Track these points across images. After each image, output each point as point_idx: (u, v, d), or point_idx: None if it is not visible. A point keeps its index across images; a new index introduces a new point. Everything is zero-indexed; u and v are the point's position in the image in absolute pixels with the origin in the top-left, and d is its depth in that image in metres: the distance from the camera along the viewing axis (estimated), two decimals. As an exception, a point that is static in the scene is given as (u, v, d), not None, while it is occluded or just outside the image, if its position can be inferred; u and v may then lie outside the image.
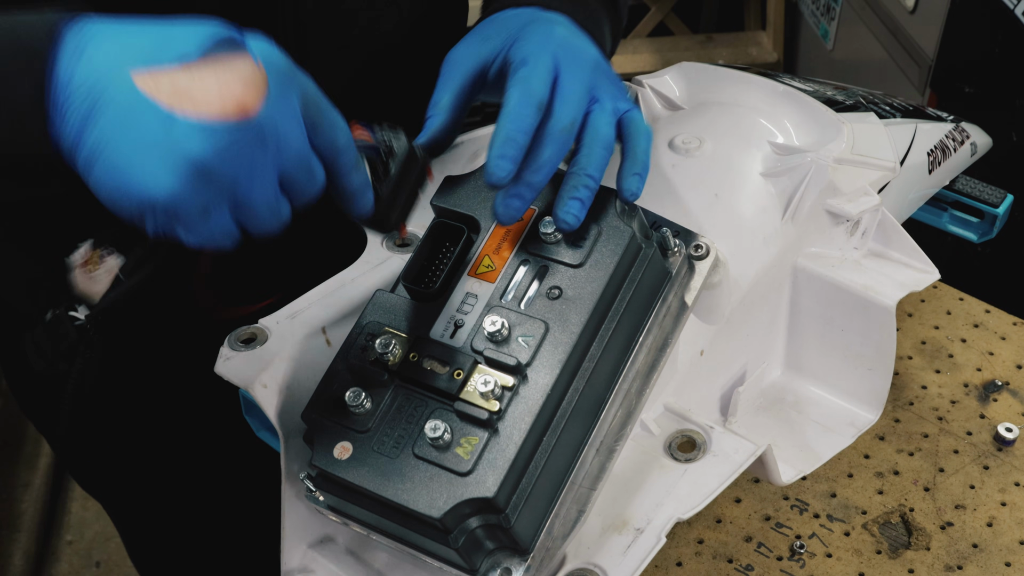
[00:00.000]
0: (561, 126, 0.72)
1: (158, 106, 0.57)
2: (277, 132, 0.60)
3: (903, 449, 0.99)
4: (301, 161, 0.62)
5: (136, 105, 0.57)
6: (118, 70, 0.58)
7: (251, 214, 0.61)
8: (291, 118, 0.61)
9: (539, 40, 0.75)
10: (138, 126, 0.57)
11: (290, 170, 0.62)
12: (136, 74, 0.58)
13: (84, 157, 0.58)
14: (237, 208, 0.61)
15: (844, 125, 0.95)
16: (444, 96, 0.78)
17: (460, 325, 0.72)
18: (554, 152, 0.72)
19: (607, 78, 0.77)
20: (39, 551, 2.08)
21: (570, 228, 0.71)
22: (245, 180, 0.60)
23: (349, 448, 0.69)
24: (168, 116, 0.57)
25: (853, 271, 0.91)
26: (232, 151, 0.58)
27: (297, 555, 0.77)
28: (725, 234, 0.85)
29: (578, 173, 0.73)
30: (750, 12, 2.77)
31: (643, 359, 0.77)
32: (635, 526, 0.74)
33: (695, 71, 1.04)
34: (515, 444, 0.67)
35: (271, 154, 0.60)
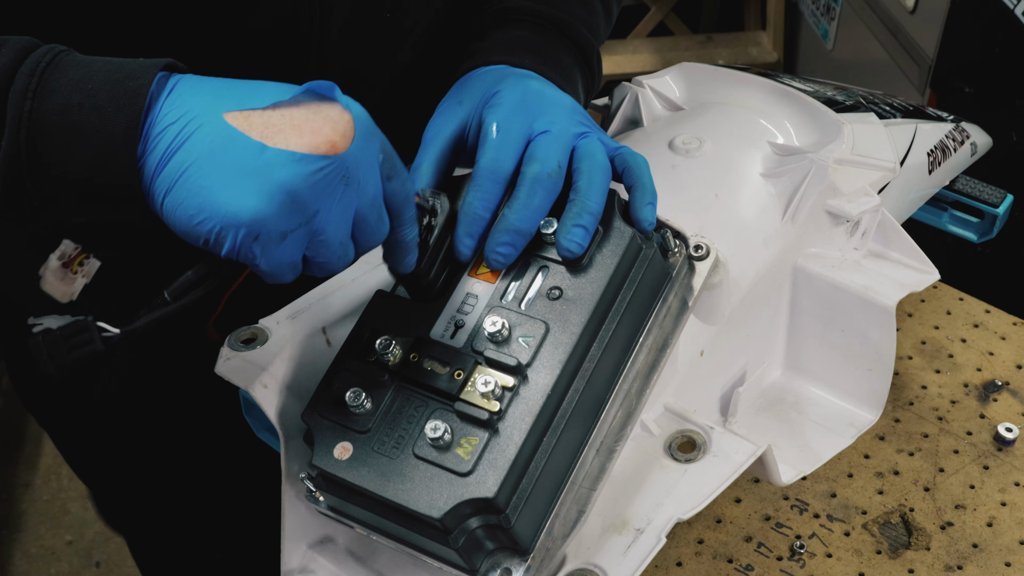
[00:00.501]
0: (548, 170, 0.73)
1: (248, 137, 0.61)
2: (360, 172, 0.64)
3: (903, 449, 0.99)
4: (375, 204, 0.66)
5: (228, 136, 0.62)
6: (211, 111, 0.62)
7: (324, 248, 0.65)
8: (372, 162, 0.65)
9: (511, 98, 0.76)
10: (228, 152, 0.61)
11: (364, 211, 0.65)
12: (228, 114, 0.62)
13: (164, 180, 0.62)
14: (313, 239, 0.64)
15: (844, 125, 0.95)
16: (424, 163, 0.79)
17: (460, 325, 0.72)
18: (544, 198, 0.73)
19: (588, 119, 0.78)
20: (39, 551, 2.08)
21: (573, 256, 0.72)
22: (325, 212, 0.63)
23: (349, 448, 0.69)
24: (259, 145, 0.61)
25: (853, 271, 0.91)
26: (319, 181, 0.62)
27: (297, 555, 0.77)
28: (725, 234, 0.85)
29: (580, 200, 0.73)
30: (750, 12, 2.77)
31: (643, 359, 0.77)
32: (635, 526, 0.74)
33: (695, 71, 1.04)
34: (515, 444, 0.67)
35: (352, 192, 0.64)
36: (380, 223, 0.67)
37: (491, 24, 0.90)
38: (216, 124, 0.62)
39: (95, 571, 2.05)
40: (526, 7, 0.90)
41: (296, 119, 0.63)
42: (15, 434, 2.26)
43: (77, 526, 2.10)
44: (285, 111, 0.63)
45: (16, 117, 0.61)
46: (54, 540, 2.10)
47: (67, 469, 2.19)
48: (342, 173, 0.63)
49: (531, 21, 0.89)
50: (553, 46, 0.88)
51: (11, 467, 2.21)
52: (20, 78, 0.61)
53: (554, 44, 0.88)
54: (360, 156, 0.64)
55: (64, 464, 2.20)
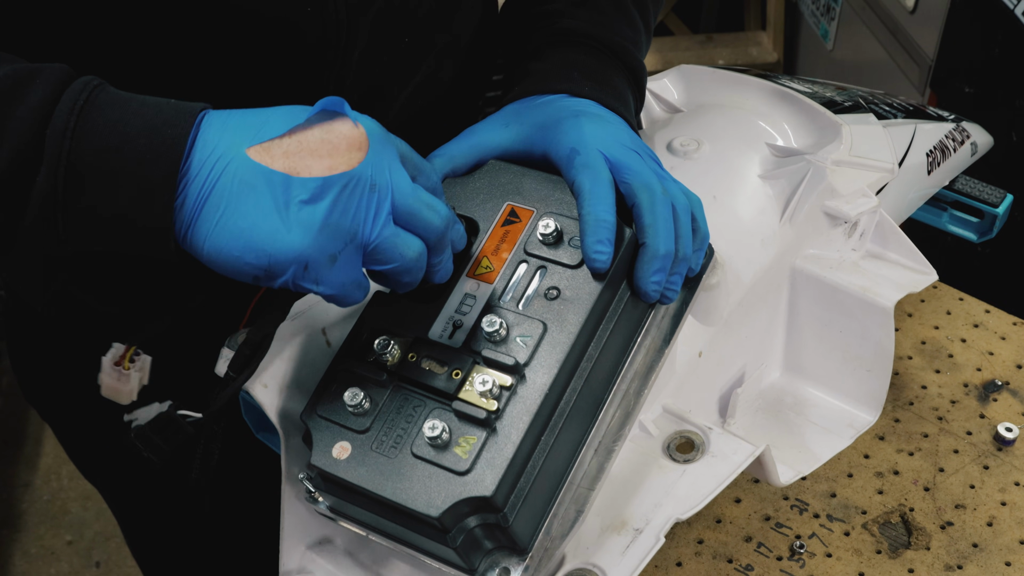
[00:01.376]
0: (682, 204, 0.75)
1: (273, 172, 0.63)
2: (383, 174, 0.65)
3: (903, 449, 0.99)
4: (416, 194, 0.67)
5: (254, 172, 0.64)
6: (235, 147, 0.64)
7: (378, 253, 0.66)
8: (394, 163, 0.67)
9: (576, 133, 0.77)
10: (257, 190, 0.64)
11: (408, 205, 0.67)
12: (250, 149, 0.64)
13: (203, 224, 0.64)
14: (365, 253, 0.66)
15: (842, 127, 0.95)
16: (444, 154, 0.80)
17: (458, 325, 0.72)
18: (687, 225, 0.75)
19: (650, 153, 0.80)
20: (39, 551, 2.08)
21: (604, 268, 0.72)
22: (365, 223, 0.65)
23: (348, 448, 0.69)
24: (284, 178, 0.63)
25: (851, 273, 0.91)
26: (347, 199, 0.64)
27: (295, 556, 0.77)
28: (723, 236, 0.85)
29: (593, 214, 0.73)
30: (750, 12, 2.77)
31: (641, 360, 0.77)
32: (634, 526, 0.74)
33: (694, 74, 1.04)
34: (513, 443, 0.67)
35: (383, 194, 0.65)
36: (430, 208, 0.68)
37: (547, 44, 0.90)
38: (241, 161, 0.64)
39: (95, 571, 2.05)
40: (583, 29, 0.90)
41: (312, 143, 0.65)
42: (15, 434, 2.26)
43: (77, 526, 2.10)
44: (301, 136, 0.65)
45: (55, 156, 0.62)
46: (54, 540, 2.10)
47: (67, 469, 2.19)
48: (367, 182, 0.65)
49: (588, 44, 0.89)
50: (608, 70, 0.88)
51: (11, 467, 2.21)
52: (59, 116, 0.62)
53: (609, 68, 0.89)
54: (379, 160, 0.65)
55: (64, 464, 2.20)
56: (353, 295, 0.67)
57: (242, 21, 0.78)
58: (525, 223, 0.75)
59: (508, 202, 0.76)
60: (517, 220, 0.75)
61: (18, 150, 0.61)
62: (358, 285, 0.67)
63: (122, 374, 0.73)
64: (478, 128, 0.82)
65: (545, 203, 0.75)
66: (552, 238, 0.73)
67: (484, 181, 0.77)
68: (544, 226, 0.73)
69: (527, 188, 0.76)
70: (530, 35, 0.92)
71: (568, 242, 0.73)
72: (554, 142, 0.77)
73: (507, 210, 0.76)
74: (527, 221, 0.75)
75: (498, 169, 0.78)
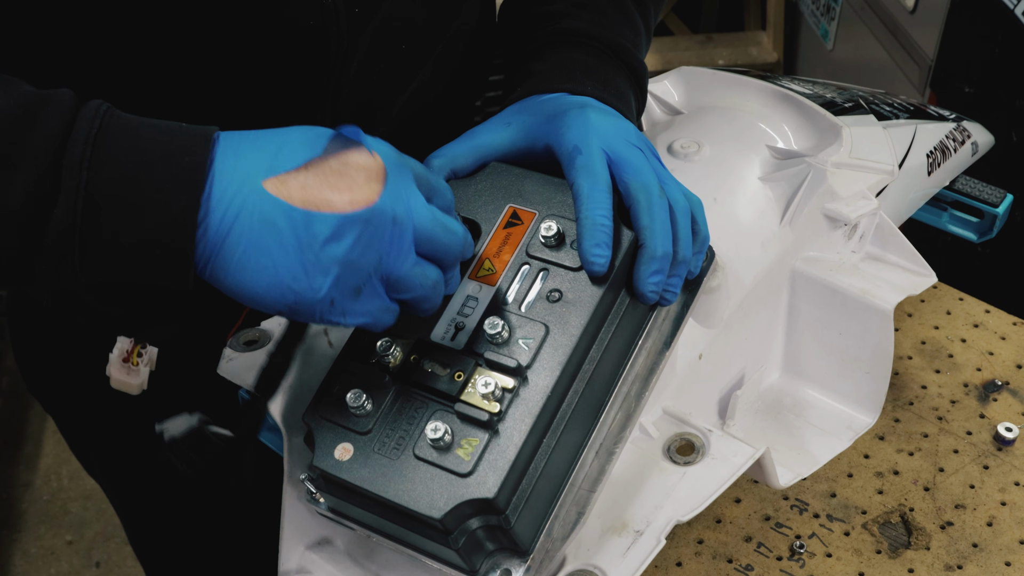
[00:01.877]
0: (682, 206, 0.75)
1: (293, 208, 0.62)
2: (402, 205, 0.65)
3: (903, 449, 0.99)
4: (434, 221, 0.67)
5: (272, 209, 0.62)
6: (251, 180, 0.63)
7: (401, 284, 0.66)
8: (412, 189, 0.66)
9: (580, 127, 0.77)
10: (277, 228, 0.62)
11: (428, 232, 0.66)
12: (267, 182, 0.63)
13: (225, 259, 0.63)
14: (388, 283, 0.66)
15: (843, 129, 0.95)
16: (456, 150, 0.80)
17: (461, 327, 0.72)
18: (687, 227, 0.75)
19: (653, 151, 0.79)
20: (39, 551, 2.08)
21: (602, 271, 0.72)
22: (386, 257, 0.65)
23: (350, 449, 0.70)
24: (304, 215, 0.62)
25: (851, 275, 0.91)
26: (368, 234, 0.63)
27: (295, 556, 0.78)
28: (723, 238, 0.85)
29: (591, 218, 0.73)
30: (750, 12, 2.77)
31: (642, 362, 0.77)
32: (634, 528, 0.74)
33: (694, 75, 1.05)
34: (515, 445, 0.67)
35: (404, 226, 0.65)
36: (448, 233, 0.68)
37: (549, 45, 0.90)
38: (260, 196, 0.63)
39: (95, 571, 2.05)
40: (585, 30, 0.90)
41: (330, 177, 0.64)
42: (15, 434, 2.26)
43: (77, 526, 2.11)
44: (318, 169, 0.64)
45: (73, 188, 0.60)
46: (54, 540, 2.10)
47: (67, 469, 2.20)
48: (389, 216, 0.64)
49: (590, 45, 0.89)
50: (611, 71, 0.88)
51: (11, 467, 2.21)
52: (75, 145, 0.61)
53: (612, 69, 0.88)
54: (398, 190, 0.65)
55: (64, 464, 2.21)
56: (383, 320, 0.67)
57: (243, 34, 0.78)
58: (527, 225, 0.75)
59: (510, 204, 0.76)
60: (519, 222, 0.75)
61: (35, 182, 0.60)
62: (386, 310, 0.67)
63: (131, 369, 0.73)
64: (479, 129, 0.82)
65: (547, 205, 0.75)
66: (554, 240, 0.73)
67: (486, 183, 0.77)
68: (546, 228, 0.73)
69: (529, 190, 0.76)
70: (531, 36, 0.92)
71: (570, 244, 0.73)
72: (557, 134, 0.77)
73: (509, 212, 0.76)
74: (529, 223, 0.75)
75: (500, 171, 0.78)
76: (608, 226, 0.72)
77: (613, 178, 0.74)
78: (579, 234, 0.72)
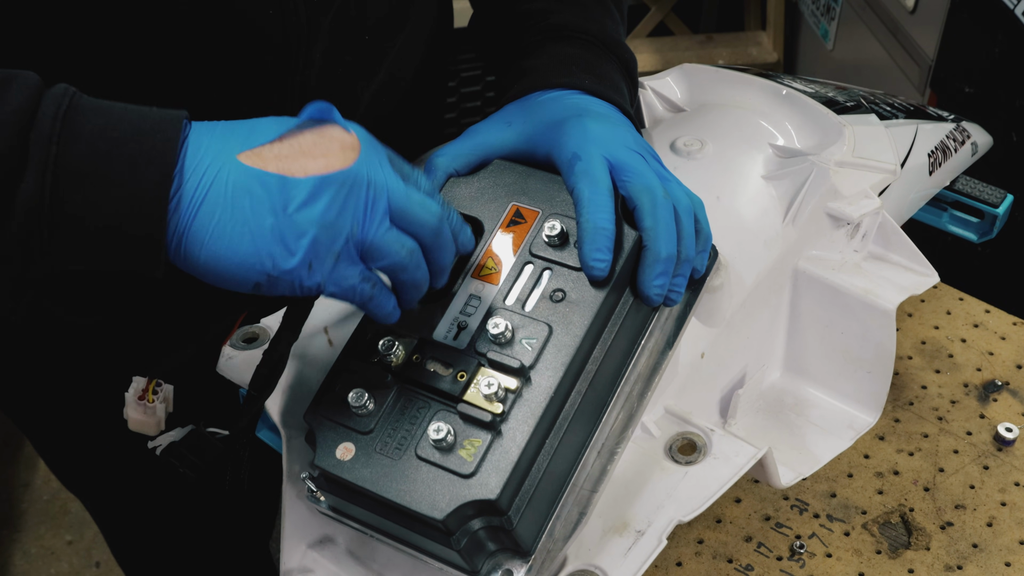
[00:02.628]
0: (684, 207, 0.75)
1: (268, 173, 0.62)
2: (377, 173, 0.65)
3: (903, 449, 0.99)
4: (407, 194, 0.66)
5: (247, 176, 0.62)
6: (224, 154, 0.63)
7: (378, 252, 0.66)
8: (386, 164, 0.66)
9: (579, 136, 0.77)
10: (252, 194, 0.62)
11: (401, 204, 0.66)
12: (241, 155, 0.63)
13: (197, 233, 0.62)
14: (363, 250, 0.65)
15: (845, 127, 0.95)
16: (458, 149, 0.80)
17: (463, 327, 0.72)
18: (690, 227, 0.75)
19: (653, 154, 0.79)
20: (39, 551, 2.08)
21: (602, 276, 0.72)
22: (361, 221, 0.64)
23: (352, 449, 0.69)
24: (280, 179, 0.62)
25: (853, 274, 0.91)
26: (343, 196, 0.63)
27: (297, 555, 0.77)
28: (726, 237, 0.85)
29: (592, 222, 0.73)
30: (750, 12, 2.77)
31: (645, 362, 0.77)
32: (636, 528, 0.74)
33: (696, 73, 1.04)
34: (518, 446, 0.67)
35: (379, 193, 0.65)
36: (422, 206, 0.67)
37: (540, 41, 0.90)
38: (234, 166, 0.63)
39: (95, 571, 2.05)
40: (575, 24, 0.90)
41: (305, 145, 0.64)
42: (15, 434, 2.26)
43: (77, 526, 2.10)
44: (293, 140, 0.64)
45: (41, 161, 0.59)
46: (54, 540, 2.10)
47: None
48: (364, 180, 0.64)
49: (581, 39, 0.89)
50: (604, 64, 0.88)
51: (11, 467, 2.21)
52: (43, 120, 0.60)
53: (605, 62, 0.88)
54: (372, 160, 0.65)
55: (64, 463, 2.20)
56: (362, 289, 0.67)
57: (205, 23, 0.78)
58: (530, 224, 0.75)
59: (513, 203, 0.76)
60: (522, 221, 0.75)
61: (2, 157, 0.59)
62: (365, 278, 0.66)
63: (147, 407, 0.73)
64: (480, 127, 0.82)
65: (551, 204, 0.75)
66: (557, 240, 0.73)
67: (489, 181, 0.77)
68: (550, 227, 0.73)
69: (532, 189, 0.76)
70: (519, 33, 0.92)
71: (573, 244, 0.73)
72: (557, 144, 0.77)
73: (512, 211, 0.76)
74: (532, 222, 0.75)
75: (503, 169, 0.78)
76: (609, 230, 0.72)
77: (615, 183, 0.74)
78: (580, 239, 0.72)
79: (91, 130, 0.61)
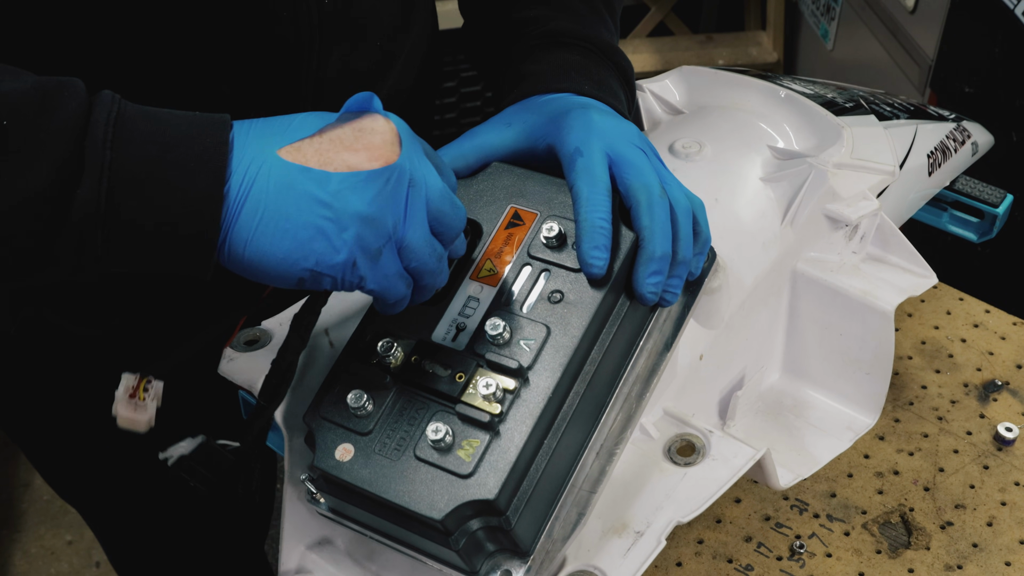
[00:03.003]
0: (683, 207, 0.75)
1: (310, 168, 0.63)
2: (418, 171, 0.65)
3: (903, 449, 0.99)
4: (444, 194, 0.67)
5: (289, 172, 0.63)
6: (266, 150, 0.63)
7: (414, 254, 0.66)
8: (424, 160, 0.66)
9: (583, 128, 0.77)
10: (295, 189, 0.62)
11: (437, 204, 0.66)
12: (282, 150, 0.63)
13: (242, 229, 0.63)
14: (401, 248, 0.65)
15: (844, 129, 0.95)
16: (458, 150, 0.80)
17: (462, 328, 0.72)
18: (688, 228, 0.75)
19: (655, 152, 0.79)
20: (39, 551, 2.08)
21: (600, 273, 0.72)
22: (403, 219, 0.64)
23: (351, 450, 0.70)
24: (323, 174, 0.63)
25: (852, 276, 0.91)
26: (389, 194, 0.63)
27: (295, 556, 0.78)
28: (725, 238, 0.85)
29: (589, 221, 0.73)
30: (750, 12, 2.77)
31: (643, 363, 0.77)
32: (635, 529, 0.74)
33: (695, 75, 1.04)
34: (516, 447, 0.67)
35: (419, 192, 0.65)
36: (455, 209, 0.68)
37: (539, 47, 0.90)
38: (275, 162, 0.63)
39: (95, 571, 2.05)
40: (573, 31, 0.90)
41: (346, 140, 0.64)
42: (16, 434, 2.26)
43: (77, 526, 2.10)
44: (334, 134, 0.64)
45: (96, 167, 0.60)
46: (54, 540, 2.10)
47: (68, 469, 2.19)
48: (405, 178, 0.64)
49: (580, 45, 0.89)
50: (602, 70, 0.88)
51: (11, 467, 2.21)
52: (96, 126, 0.61)
53: (603, 68, 0.89)
54: (413, 156, 0.65)
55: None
56: (397, 288, 0.66)
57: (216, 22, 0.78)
58: (529, 226, 0.75)
59: (512, 205, 0.76)
60: (521, 223, 0.75)
61: (59, 164, 0.60)
62: (401, 276, 0.66)
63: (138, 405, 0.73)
64: (480, 129, 0.82)
65: (549, 206, 0.75)
66: (555, 241, 0.73)
67: (487, 183, 0.77)
68: (548, 229, 0.73)
69: (531, 191, 0.76)
70: (514, 41, 0.92)
71: (571, 245, 0.73)
72: (560, 135, 0.77)
73: (511, 213, 0.76)
74: (531, 224, 0.75)
75: (501, 171, 0.78)
76: (607, 228, 0.71)
77: (614, 180, 0.74)
78: (578, 237, 0.72)
79: (142, 135, 0.62)
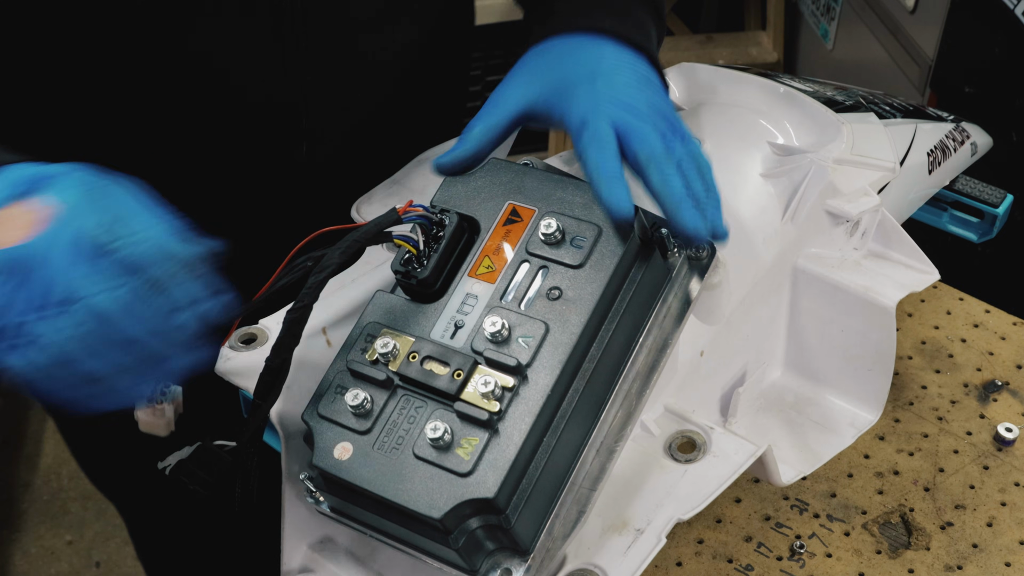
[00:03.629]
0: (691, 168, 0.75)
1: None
2: (45, 256, 0.62)
3: (903, 449, 0.99)
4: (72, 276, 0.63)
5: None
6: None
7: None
8: (64, 244, 0.62)
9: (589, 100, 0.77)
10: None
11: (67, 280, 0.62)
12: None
13: None
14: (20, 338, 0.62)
15: (844, 126, 0.95)
16: (478, 126, 0.79)
17: (460, 326, 0.72)
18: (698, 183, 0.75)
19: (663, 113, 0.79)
20: (39, 551, 2.08)
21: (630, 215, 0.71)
22: (16, 303, 0.61)
23: (349, 449, 0.69)
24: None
25: (853, 272, 0.91)
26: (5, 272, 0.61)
27: (298, 556, 0.77)
28: (725, 234, 0.85)
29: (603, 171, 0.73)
30: (750, 12, 2.77)
31: (643, 360, 0.77)
32: (635, 527, 0.74)
33: (694, 72, 1.04)
34: (515, 444, 0.67)
35: (42, 276, 0.61)
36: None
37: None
38: None
39: (95, 571, 2.05)
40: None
41: None
42: (15, 434, 2.26)
43: (77, 526, 2.10)
44: None
45: None
46: (54, 540, 2.10)
47: (67, 469, 2.19)
48: (21, 261, 0.61)
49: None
50: (631, 2, 0.88)
51: (11, 467, 2.21)
52: None
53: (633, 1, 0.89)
54: (50, 239, 0.62)
55: (64, 464, 2.20)
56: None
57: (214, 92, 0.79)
58: (527, 222, 0.75)
59: (510, 201, 0.76)
60: (519, 219, 0.75)
61: None
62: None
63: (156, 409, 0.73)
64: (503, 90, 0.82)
65: (547, 202, 0.75)
66: (554, 238, 0.73)
67: (485, 180, 0.77)
68: (546, 225, 0.73)
69: (528, 187, 0.76)
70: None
71: (570, 242, 0.73)
72: (568, 110, 0.78)
73: (508, 209, 0.76)
74: (529, 220, 0.75)
75: (499, 168, 0.78)
76: (620, 175, 0.72)
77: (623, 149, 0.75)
78: (595, 191, 0.72)
79: None
